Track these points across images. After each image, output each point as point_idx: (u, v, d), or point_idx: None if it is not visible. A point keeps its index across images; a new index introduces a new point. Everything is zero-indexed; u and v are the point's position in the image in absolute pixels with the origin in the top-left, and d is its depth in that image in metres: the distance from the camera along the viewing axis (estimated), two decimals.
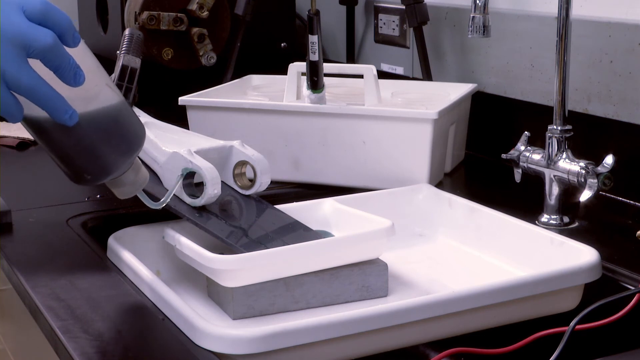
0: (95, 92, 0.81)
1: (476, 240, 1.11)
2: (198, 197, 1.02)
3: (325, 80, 1.36)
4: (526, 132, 1.20)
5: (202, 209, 1.03)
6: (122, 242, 1.03)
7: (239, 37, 1.77)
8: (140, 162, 0.89)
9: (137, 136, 0.86)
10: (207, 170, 1.01)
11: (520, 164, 1.19)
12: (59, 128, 0.80)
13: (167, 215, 1.02)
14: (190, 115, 1.41)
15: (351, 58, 1.93)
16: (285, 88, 1.44)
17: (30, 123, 0.82)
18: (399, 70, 1.75)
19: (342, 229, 1.07)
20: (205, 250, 0.93)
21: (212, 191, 1.01)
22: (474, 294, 0.89)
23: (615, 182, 1.09)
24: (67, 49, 0.78)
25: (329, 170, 1.33)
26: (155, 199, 0.94)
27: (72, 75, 0.77)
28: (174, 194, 1.03)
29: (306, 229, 1.06)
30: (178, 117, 1.38)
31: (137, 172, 0.89)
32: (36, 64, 0.76)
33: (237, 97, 1.50)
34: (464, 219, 1.14)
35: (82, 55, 0.81)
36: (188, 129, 1.36)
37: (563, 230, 1.13)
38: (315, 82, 1.35)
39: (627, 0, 1.25)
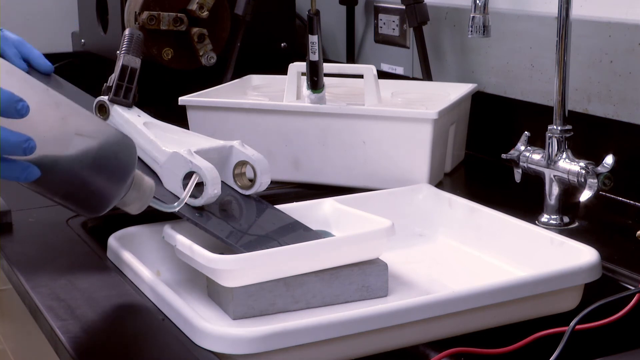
0: (63, 143, 0.80)
1: (476, 240, 1.11)
2: (198, 197, 1.02)
3: (325, 80, 1.36)
4: (526, 132, 1.20)
5: (202, 209, 1.03)
6: (122, 242, 1.03)
7: (239, 37, 1.77)
8: (140, 174, 0.88)
9: (119, 169, 0.84)
10: (207, 170, 1.01)
11: (520, 164, 1.19)
12: (38, 182, 0.80)
13: (167, 215, 1.02)
14: (190, 115, 1.41)
15: (351, 58, 1.92)
16: (285, 88, 1.44)
17: None
18: (399, 70, 1.75)
19: (342, 229, 1.07)
20: (205, 250, 0.93)
21: (212, 191, 1.01)
22: (474, 294, 0.89)
23: (615, 182, 1.09)
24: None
25: (329, 170, 1.33)
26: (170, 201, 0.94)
27: (20, 152, 0.76)
28: (173, 194, 1.03)
29: (306, 229, 1.06)
30: (178, 117, 1.38)
31: (139, 188, 0.88)
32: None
33: (237, 97, 1.50)
34: (464, 219, 1.14)
35: (41, 113, 0.79)
36: (188, 129, 1.36)
37: (563, 230, 1.13)
38: (315, 82, 1.34)
39: (627, 0, 1.25)
